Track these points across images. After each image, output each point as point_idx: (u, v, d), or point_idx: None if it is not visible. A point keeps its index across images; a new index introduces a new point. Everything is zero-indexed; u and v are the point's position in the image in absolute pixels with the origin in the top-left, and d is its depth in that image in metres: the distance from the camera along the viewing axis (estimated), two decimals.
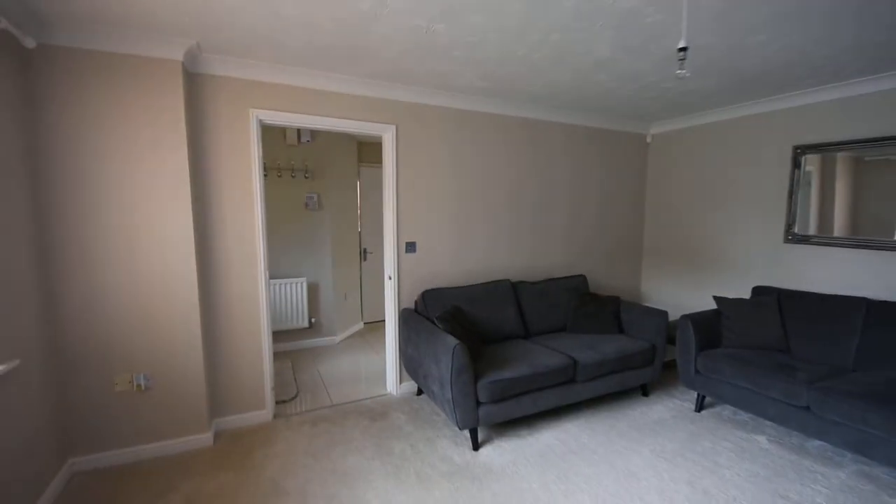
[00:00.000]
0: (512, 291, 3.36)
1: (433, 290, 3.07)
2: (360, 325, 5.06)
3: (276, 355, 4.08)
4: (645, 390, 3.30)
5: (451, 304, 3.01)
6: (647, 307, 3.28)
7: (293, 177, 4.15)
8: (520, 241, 3.74)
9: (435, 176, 3.28)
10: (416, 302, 3.14)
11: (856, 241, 2.94)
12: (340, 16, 1.94)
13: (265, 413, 2.86)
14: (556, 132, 3.84)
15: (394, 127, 3.04)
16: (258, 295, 2.78)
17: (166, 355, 2.44)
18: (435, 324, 2.71)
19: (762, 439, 2.67)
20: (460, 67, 2.60)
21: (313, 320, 4.37)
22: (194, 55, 2.39)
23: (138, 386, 2.39)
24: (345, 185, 4.63)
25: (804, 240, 3.20)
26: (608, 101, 3.38)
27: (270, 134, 3.96)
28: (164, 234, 2.38)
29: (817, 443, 2.62)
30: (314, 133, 4.12)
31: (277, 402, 3.08)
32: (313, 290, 4.35)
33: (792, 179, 3.23)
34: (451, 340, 2.41)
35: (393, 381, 3.27)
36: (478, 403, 2.46)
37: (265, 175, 3.99)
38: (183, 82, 2.33)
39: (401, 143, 3.10)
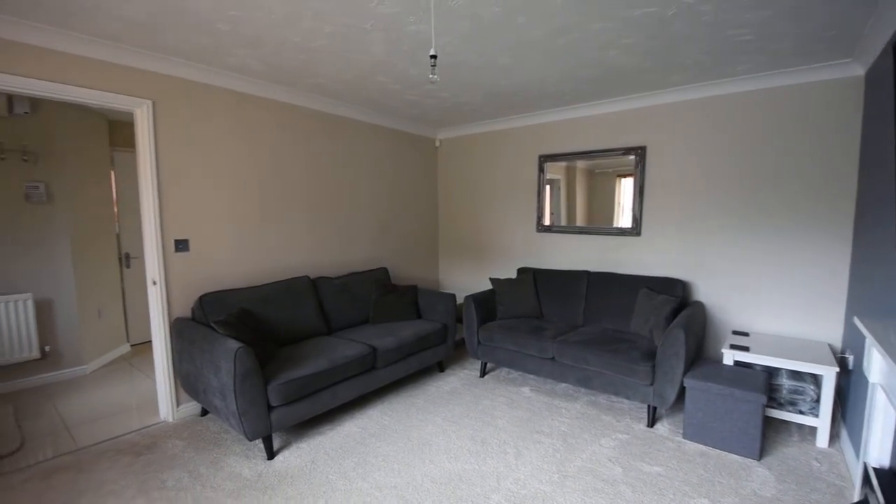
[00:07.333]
0: (312, 288, 3.26)
1: (214, 293, 2.71)
2: (126, 348, 4.11)
3: None
4: (441, 366, 3.65)
5: (237, 307, 2.72)
6: (440, 292, 3.64)
7: (2, 158, 3.08)
8: (320, 237, 3.65)
9: (213, 163, 2.90)
10: (192, 309, 2.72)
11: (579, 229, 3.88)
12: None
13: None
14: (359, 130, 3.89)
15: (149, 102, 2.55)
16: None
17: None
18: (214, 329, 2.40)
19: (526, 390, 3.27)
20: (230, 44, 2.36)
21: (47, 348, 3.34)
22: None
23: None
24: (92, 172, 3.68)
25: (547, 229, 4.06)
26: (396, 102, 3.59)
27: None
28: None
29: (563, 385, 3.36)
30: (35, 103, 3.14)
31: None
32: (45, 309, 3.31)
33: (539, 182, 4.06)
34: (233, 344, 2.17)
35: (167, 405, 2.76)
36: (270, 408, 2.29)
37: None
38: None
39: (162, 122, 2.63)
